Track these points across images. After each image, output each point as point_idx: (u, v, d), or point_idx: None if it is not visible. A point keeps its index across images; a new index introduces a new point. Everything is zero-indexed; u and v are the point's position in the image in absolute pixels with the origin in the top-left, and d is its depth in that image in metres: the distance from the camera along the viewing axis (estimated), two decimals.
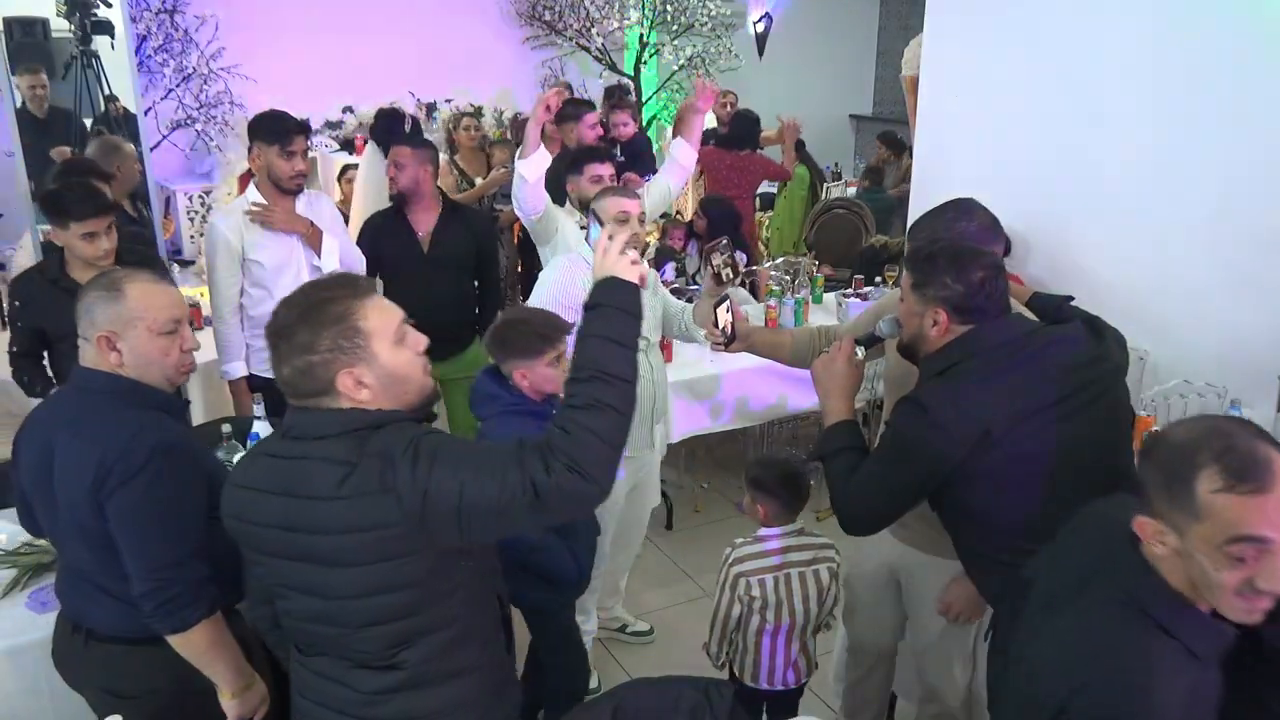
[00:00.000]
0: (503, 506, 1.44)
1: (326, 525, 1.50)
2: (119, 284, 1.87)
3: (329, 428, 1.53)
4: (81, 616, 1.96)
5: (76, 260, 2.90)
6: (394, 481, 1.46)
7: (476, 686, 1.67)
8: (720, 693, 1.89)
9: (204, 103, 7.03)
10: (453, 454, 1.49)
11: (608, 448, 1.46)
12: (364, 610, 1.55)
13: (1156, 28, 2.86)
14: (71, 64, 4.92)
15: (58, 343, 2.98)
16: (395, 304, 1.61)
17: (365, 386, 1.54)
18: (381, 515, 1.47)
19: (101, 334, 1.84)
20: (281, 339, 1.54)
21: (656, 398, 3.02)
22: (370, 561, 1.50)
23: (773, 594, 2.46)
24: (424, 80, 7.71)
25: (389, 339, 1.57)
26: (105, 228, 2.85)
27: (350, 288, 1.58)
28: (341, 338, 1.52)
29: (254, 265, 3.29)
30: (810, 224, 6.30)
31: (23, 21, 4.81)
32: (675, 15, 8.33)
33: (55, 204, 2.84)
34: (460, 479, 1.45)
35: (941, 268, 1.88)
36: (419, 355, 1.63)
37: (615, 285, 1.57)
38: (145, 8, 6.69)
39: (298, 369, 1.53)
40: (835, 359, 2.09)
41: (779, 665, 2.53)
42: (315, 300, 1.55)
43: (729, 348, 2.59)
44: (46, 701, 2.19)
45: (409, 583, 1.53)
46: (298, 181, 3.27)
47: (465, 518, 1.45)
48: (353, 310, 1.54)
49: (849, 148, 9.90)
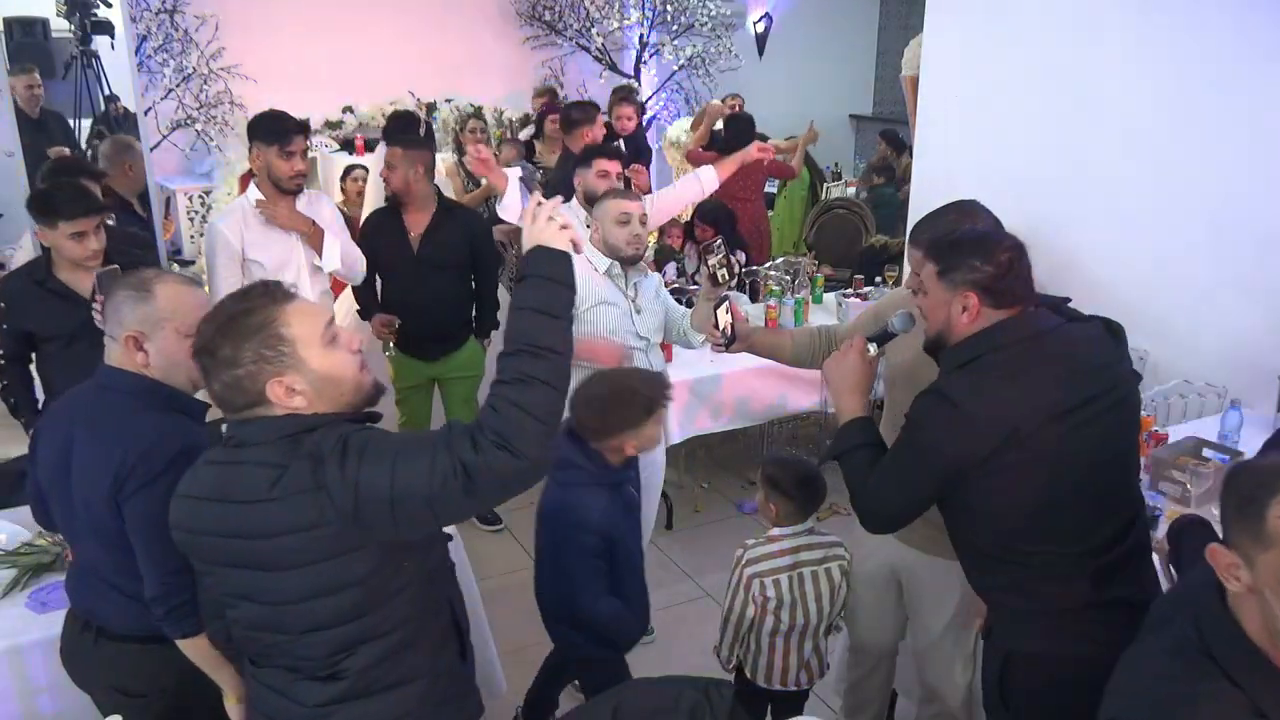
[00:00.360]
0: (434, 492, 1.41)
1: (263, 528, 1.49)
2: (148, 284, 1.87)
3: (264, 435, 1.52)
4: (92, 614, 1.97)
5: (64, 261, 2.86)
6: (324, 479, 1.44)
7: (424, 695, 1.64)
8: (720, 693, 1.88)
9: (204, 103, 7.03)
10: (382, 446, 1.47)
11: (538, 423, 1.41)
12: (306, 614, 1.53)
13: (1156, 28, 2.86)
14: (71, 64, 4.92)
15: (44, 344, 2.95)
16: (391, 301, 1.62)
17: (298, 393, 1.52)
18: (315, 514, 1.45)
19: (129, 334, 1.84)
20: (206, 356, 1.52)
21: None
22: (308, 563, 1.49)
23: (787, 594, 2.46)
24: (424, 80, 7.71)
25: (317, 342, 1.54)
26: (94, 228, 2.81)
27: (268, 296, 1.55)
28: (264, 347, 1.50)
29: (254, 265, 3.30)
30: (810, 224, 6.30)
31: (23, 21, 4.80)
32: (675, 15, 8.33)
33: (44, 203, 2.81)
34: (390, 468, 1.43)
35: (967, 251, 1.84)
36: (353, 354, 1.60)
37: (544, 255, 1.52)
38: (145, 8, 6.69)
39: (226, 384, 1.51)
40: (847, 355, 2.07)
41: (793, 665, 2.53)
42: (233, 313, 1.52)
43: (729, 349, 2.59)
44: (46, 701, 2.19)
45: (349, 582, 1.51)
46: (297, 181, 3.28)
47: (397, 507, 1.43)
48: (273, 318, 1.51)
49: (849, 148, 9.90)
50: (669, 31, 8.39)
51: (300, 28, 7.11)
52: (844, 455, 2.00)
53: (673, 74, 8.57)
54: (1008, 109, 3.24)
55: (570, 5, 8.10)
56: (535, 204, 1.57)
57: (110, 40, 4.88)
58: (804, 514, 2.51)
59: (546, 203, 1.57)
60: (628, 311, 2.95)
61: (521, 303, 1.50)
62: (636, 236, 2.85)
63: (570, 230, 1.54)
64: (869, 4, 9.87)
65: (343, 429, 1.51)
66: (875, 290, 4.67)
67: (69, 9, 4.82)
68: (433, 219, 3.68)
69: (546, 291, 1.50)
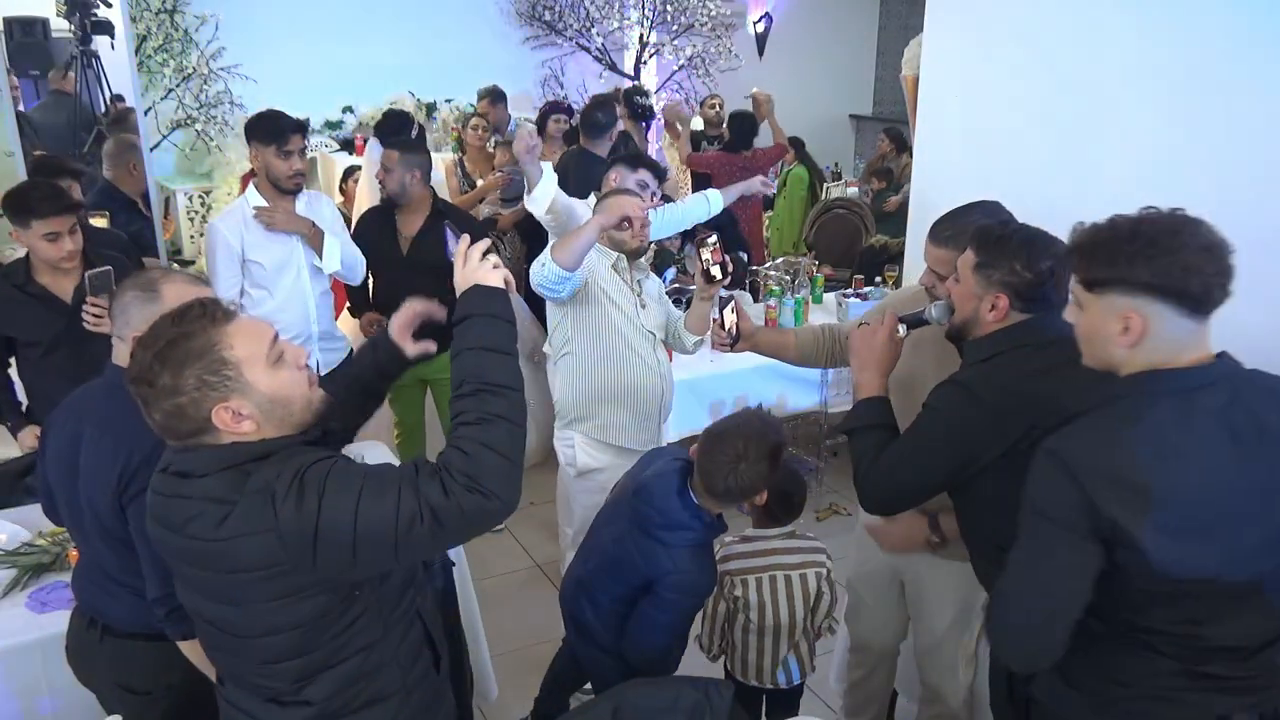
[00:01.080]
0: (399, 537, 1.36)
1: (212, 564, 1.44)
2: (155, 284, 1.86)
3: (207, 466, 1.44)
4: (98, 611, 1.97)
5: (42, 264, 2.81)
6: (275, 520, 1.37)
7: (395, 712, 1.60)
8: (720, 693, 1.88)
9: (204, 103, 7.04)
10: (342, 483, 1.39)
11: (505, 461, 1.39)
12: (261, 648, 1.50)
13: (1156, 27, 2.86)
14: (71, 64, 4.92)
15: (24, 349, 2.91)
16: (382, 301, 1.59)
17: (245, 418, 1.44)
18: (264, 555, 1.39)
19: (137, 334, 1.83)
20: (144, 385, 1.42)
21: (665, 394, 3.02)
22: (258, 601, 1.44)
23: (756, 594, 2.46)
24: (424, 80, 7.71)
25: (262, 363, 1.45)
26: (69, 229, 2.75)
27: (207, 317, 1.44)
28: (207, 373, 1.41)
29: (254, 266, 3.30)
30: (810, 224, 6.30)
31: (23, 21, 4.79)
32: (675, 15, 8.33)
33: (17, 202, 2.75)
34: (352, 509, 1.36)
35: (1012, 251, 1.83)
36: (300, 370, 1.52)
37: (483, 293, 1.50)
38: (145, 8, 6.70)
39: (168, 413, 1.42)
40: (877, 332, 2.04)
41: (767, 665, 2.53)
42: (172, 337, 1.42)
43: (734, 347, 2.59)
44: (46, 701, 2.19)
45: (300, 622, 1.46)
46: (296, 181, 3.27)
47: (360, 549, 1.37)
48: (215, 341, 1.42)
49: (849, 148, 9.90)
50: (669, 31, 8.39)
51: (300, 28, 7.11)
52: (855, 433, 1.98)
53: (673, 74, 8.57)
54: (1008, 109, 3.24)
55: (570, 5, 8.10)
56: (465, 245, 1.55)
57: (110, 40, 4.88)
58: (777, 522, 2.51)
59: (477, 244, 1.56)
60: (634, 305, 2.95)
61: (468, 343, 1.47)
62: (641, 210, 2.84)
63: (502, 269, 1.54)
64: (869, 4, 9.87)
65: (297, 460, 1.42)
66: (875, 290, 4.67)
67: (69, 9, 4.82)
68: (426, 221, 3.69)
69: (493, 329, 1.48)
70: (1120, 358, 1.54)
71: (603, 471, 2.98)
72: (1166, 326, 1.49)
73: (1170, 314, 1.48)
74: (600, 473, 2.99)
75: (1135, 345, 1.50)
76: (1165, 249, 1.47)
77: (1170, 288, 1.47)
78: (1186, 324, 1.50)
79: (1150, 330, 1.49)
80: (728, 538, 2.56)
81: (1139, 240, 1.49)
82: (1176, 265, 1.46)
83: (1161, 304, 1.47)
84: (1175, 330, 1.49)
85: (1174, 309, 1.48)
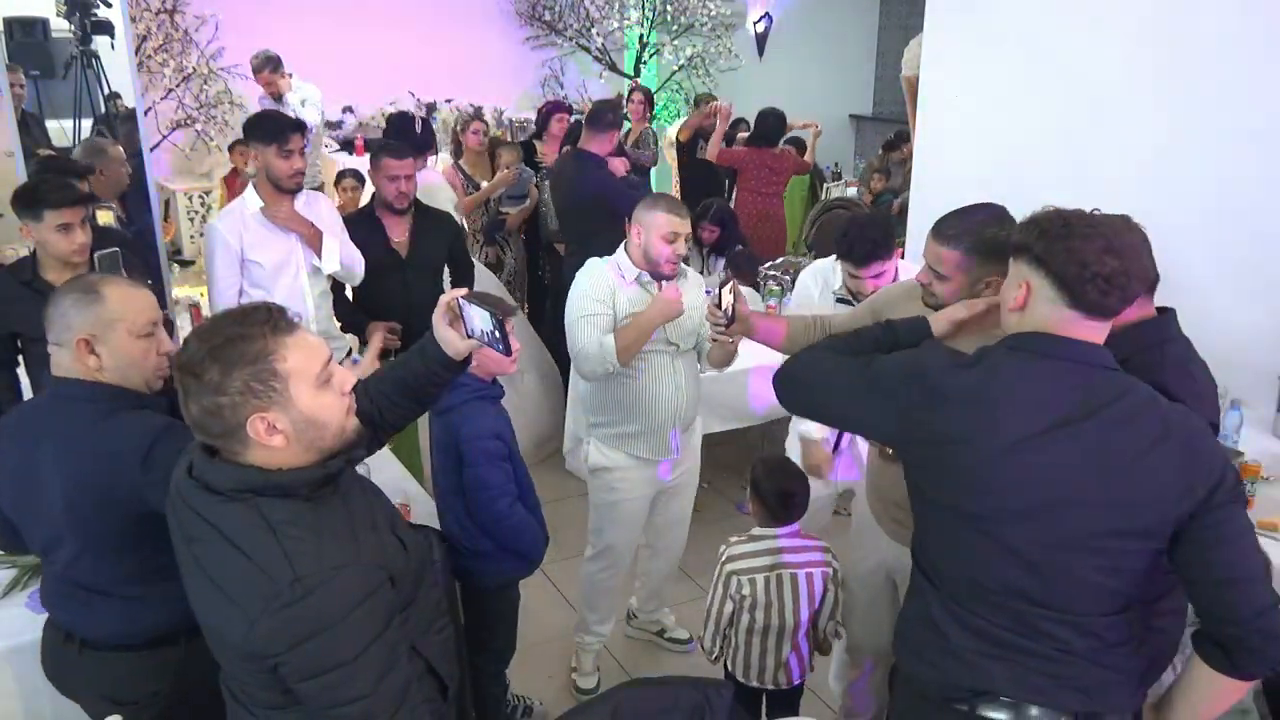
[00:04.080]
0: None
1: (206, 581, 1.45)
2: (95, 287, 1.85)
3: (227, 482, 1.44)
4: (74, 625, 1.94)
5: (50, 260, 2.82)
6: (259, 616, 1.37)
7: None
8: (720, 693, 1.88)
9: (204, 103, 7.04)
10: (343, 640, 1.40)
11: None
12: (238, 681, 1.51)
13: (1156, 28, 2.86)
14: (71, 64, 4.92)
15: (31, 345, 2.91)
16: (371, 306, 1.57)
17: (279, 432, 1.43)
18: (242, 624, 1.39)
19: (81, 337, 1.81)
20: (190, 375, 1.41)
21: (680, 406, 2.94)
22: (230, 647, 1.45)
23: (763, 594, 2.46)
24: (424, 80, 7.72)
25: (310, 382, 1.44)
26: (80, 220, 2.77)
27: (269, 324, 1.43)
28: (255, 380, 1.40)
29: (253, 266, 3.30)
30: (810, 224, 6.30)
31: (23, 21, 4.79)
32: (675, 15, 8.33)
33: (29, 195, 2.76)
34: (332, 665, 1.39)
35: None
36: (343, 396, 1.50)
37: None
38: (145, 8, 6.70)
39: (206, 409, 1.41)
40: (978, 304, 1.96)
41: (769, 665, 2.53)
42: (230, 336, 1.41)
43: (728, 329, 2.58)
44: (46, 701, 2.18)
45: (262, 685, 1.47)
46: (296, 180, 3.27)
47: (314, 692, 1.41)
48: (270, 350, 1.41)
49: (849, 148, 9.91)
50: (669, 31, 8.40)
51: (300, 28, 7.12)
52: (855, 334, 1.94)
53: (673, 74, 8.57)
54: (1008, 109, 3.24)
55: (570, 5, 8.10)
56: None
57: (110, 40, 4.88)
58: (778, 521, 2.52)
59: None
60: None
61: None
62: (678, 257, 2.80)
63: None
64: (869, 4, 9.88)
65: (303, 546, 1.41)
66: None
67: (69, 9, 4.82)
68: (414, 224, 3.69)
69: None
70: (1007, 320, 1.70)
71: (612, 472, 2.98)
72: (1048, 308, 1.61)
73: (1053, 296, 1.59)
74: (609, 473, 2.99)
75: (1018, 311, 1.65)
76: (1071, 235, 1.58)
77: (1051, 267, 1.58)
78: (1067, 313, 1.59)
79: (1031, 303, 1.63)
80: (733, 537, 2.57)
81: (1059, 222, 1.61)
82: (1066, 249, 1.57)
83: (1046, 282, 1.60)
84: (1055, 315, 1.60)
85: (1055, 291, 1.59)
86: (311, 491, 1.47)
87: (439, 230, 3.80)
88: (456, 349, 1.78)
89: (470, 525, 2.51)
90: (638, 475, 2.98)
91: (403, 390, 1.85)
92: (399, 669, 1.48)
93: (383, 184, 3.61)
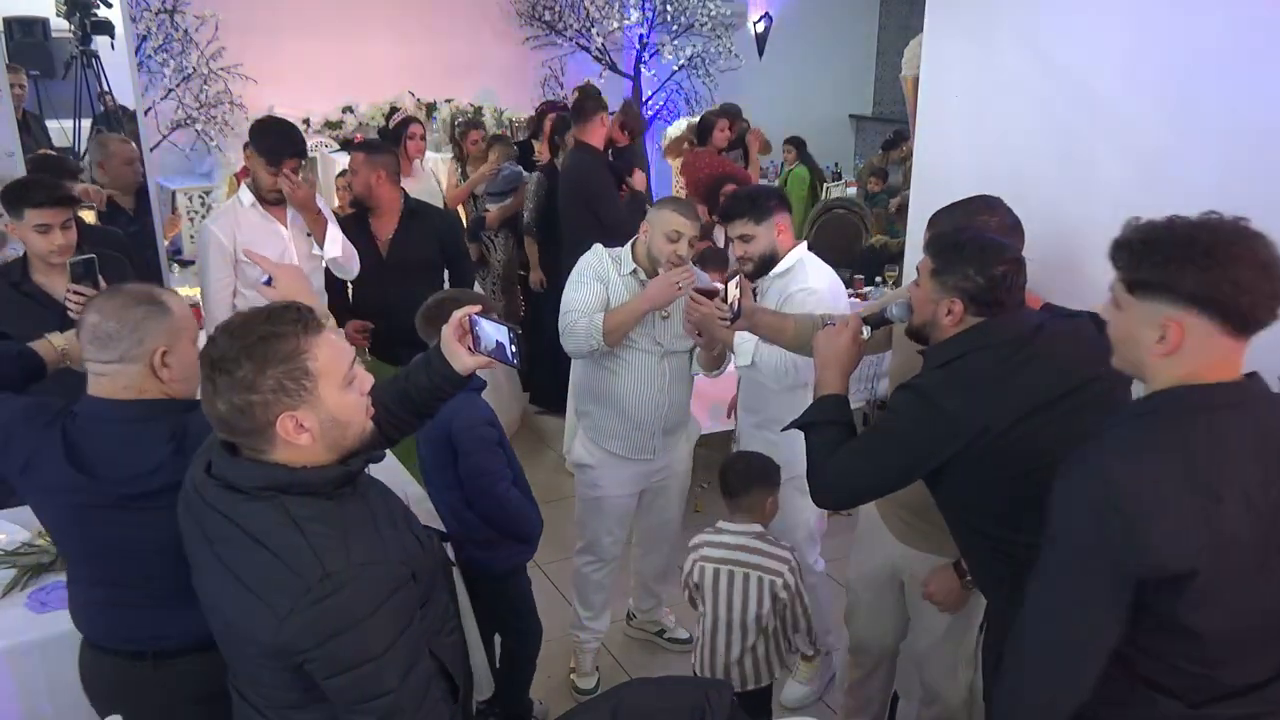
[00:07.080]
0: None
1: (224, 581, 1.46)
2: (156, 297, 1.80)
3: (250, 480, 1.45)
4: (149, 640, 1.86)
5: (39, 263, 2.80)
6: (287, 614, 1.38)
7: None
8: (720, 693, 1.88)
9: (204, 103, 7.02)
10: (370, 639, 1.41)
11: None
12: (248, 678, 1.52)
13: (1157, 27, 2.86)
14: (71, 64, 4.92)
15: None
16: (362, 306, 1.58)
17: (305, 431, 1.45)
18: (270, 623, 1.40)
19: (159, 349, 1.76)
20: (220, 371, 1.41)
21: (664, 408, 2.95)
22: (239, 646, 1.48)
23: (710, 585, 2.52)
24: (424, 80, 7.71)
25: (337, 381, 1.47)
26: (60, 222, 2.74)
27: (301, 323, 1.46)
28: (287, 378, 1.42)
29: (247, 266, 3.30)
30: (810, 224, 6.30)
31: (23, 21, 4.80)
32: (675, 15, 8.33)
33: (13, 191, 2.75)
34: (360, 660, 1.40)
35: (966, 258, 1.84)
36: (363, 397, 1.54)
37: None
38: (145, 8, 6.69)
39: (235, 406, 1.42)
40: (841, 333, 2.06)
41: (719, 663, 2.58)
42: (263, 334, 1.42)
43: (732, 324, 2.58)
44: (46, 701, 2.18)
45: (280, 682, 1.47)
46: (275, 194, 3.31)
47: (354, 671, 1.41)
48: (303, 349, 1.43)
49: (849, 148, 9.90)
50: (669, 31, 8.39)
51: (300, 27, 7.11)
52: (814, 427, 1.98)
53: (673, 74, 8.57)
54: (1008, 109, 3.24)
55: (570, 5, 8.10)
56: None
57: (110, 40, 4.88)
58: (739, 510, 2.59)
59: None
60: (651, 316, 2.86)
61: None
62: (680, 258, 2.78)
63: None
64: (869, 4, 9.87)
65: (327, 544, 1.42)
66: (875, 290, 4.67)
67: (69, 9, 4.83)
68: (399, 223, 3.70)
69: None
70: (1152, 366, 1.47)
71: (593, 469, 3.00)
72: (1205, 342, 1.41)
73: (1212, 330, 1.40)
74: (590, 469, 3.01)
75: (1170, 355, 1.43)
76: (1220, 261, 1.39)
77: (1217, 303, 1.38)
78: (1226, 342, 1.41)
79: (1187, 343, 1.41)
80: (709, 528, 2.65)
81: (1194, 247, 1.41)
82: (1228, 280, 1.37)
83: (1205, 318, 1.39)
84: (1213, 347, 1.41)
85: (1217, 325, 1.39)
86: (334, 489, 1.48)
87: (426, 230, 3.78)
88: (465, 365, 1.78)
89: (469, 516, 2.56)
90: (617, 473, 3.00)
91: (404, 403, 1.85)
92: (422, 664, 1.49)
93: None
